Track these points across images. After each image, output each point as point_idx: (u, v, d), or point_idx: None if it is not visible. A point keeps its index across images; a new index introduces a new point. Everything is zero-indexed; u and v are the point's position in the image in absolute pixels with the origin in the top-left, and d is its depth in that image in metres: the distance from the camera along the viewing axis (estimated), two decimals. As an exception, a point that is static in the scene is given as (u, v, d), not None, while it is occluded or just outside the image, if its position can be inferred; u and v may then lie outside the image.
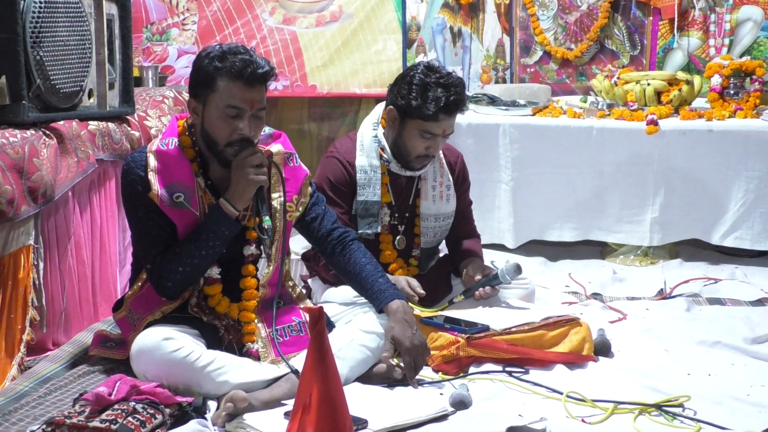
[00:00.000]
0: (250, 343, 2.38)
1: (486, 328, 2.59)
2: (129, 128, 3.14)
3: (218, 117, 2.29)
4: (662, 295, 3.47)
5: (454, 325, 2.61)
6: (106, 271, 2.98)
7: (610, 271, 3.84)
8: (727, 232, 3.87)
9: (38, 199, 2.44)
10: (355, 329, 2.46)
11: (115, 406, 2.01)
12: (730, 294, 3.46)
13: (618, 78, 4.31)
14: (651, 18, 4.59)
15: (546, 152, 4.03)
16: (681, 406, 2.27)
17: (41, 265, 2.54)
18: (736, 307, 3.28)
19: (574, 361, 2.57)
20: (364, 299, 2.57)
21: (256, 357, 2.35)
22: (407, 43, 4.88)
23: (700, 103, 4.19)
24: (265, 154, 2.39)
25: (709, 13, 4.51)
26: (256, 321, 2.41)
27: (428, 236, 3.03)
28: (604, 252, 4.15)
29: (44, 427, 1.95)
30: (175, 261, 2.31)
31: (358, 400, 2.18)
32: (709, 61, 4.38)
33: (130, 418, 1.97)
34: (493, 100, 4.24)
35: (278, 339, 2.39)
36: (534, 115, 4.14)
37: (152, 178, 2.30)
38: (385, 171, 2.92)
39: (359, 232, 2.84)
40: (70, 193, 2.73)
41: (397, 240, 2.97)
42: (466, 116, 4.10)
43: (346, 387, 2.22)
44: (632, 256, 4.05)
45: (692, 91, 4.11)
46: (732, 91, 4.08)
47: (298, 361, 2.26)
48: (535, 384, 2.41)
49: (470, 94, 4.33)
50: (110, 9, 3.00)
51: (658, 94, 4.14)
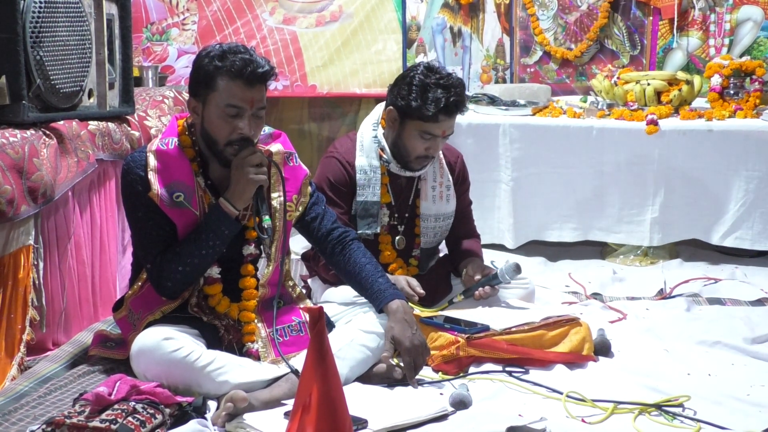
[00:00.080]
0: (250, 343, 2.38)
1: (486, 328, 2.59)
2: (129, 128, 3.14)
3: (218, 116, 2.29)
4: (662, 295, 3.47)
5: (454, 325, 2.61)
6: (106, 271, 2.98)
7: (610, 271, 3.83)
8: (727, 232, 3.87)
9: (38, 199, 2.44)
10: (355, 329, 2.46)
11: (115, 406, 2.01)
12: (730, 294, 3.46)
13: (618, 78, 4.31)
14: (651, 18, 4.59)
15: (546, 152, 4.03)
16: (681, 406, 2.26)
17: (41, 265, 2.54)
18: (736, 307, 3.28)
19: (574, 361, 2.57)
20: (364, 299, 2.57)
21: (256, 357, 2.35)
22: (407, 43, 4.88)
23: (700, 103, 4.19)
24: (265, 154, 2.38)
25: (709, 13, 4.50)
26: (256, 321, 2.41)
27: (428, 236, 3.03)
28: (604, 252, 4.15)
29: (44, 427, 1.95)
30: (175, 261, 2.31)
31: (358, 400, 2.17)
32: (709, 61, 4.38)
33: (130, 418, 1.97)
34: (493, 100, 4.24)
35: (278, 339, 2.39)
36: (534, 115, 4.14)
37: (152, 177, 2.30)
38: (384, 171, 2.92)
39: (359, 232, 2.83)
40: (70, 193, 2.72)
41: (396, 240, 2.97)
42: (466, 116, 4.09)
43: (346, 387, 2.22)
44: (632, 256, 4.05)
45: (692, 91, 4.11)
46: (732, 91, 4.08)
47: (298, 361, 2.26)
48: (535, 384, 2.41)
49: (470, 94, 4.33)
50: (110, 9, 3.00)
51: (658, 94, 4.13)
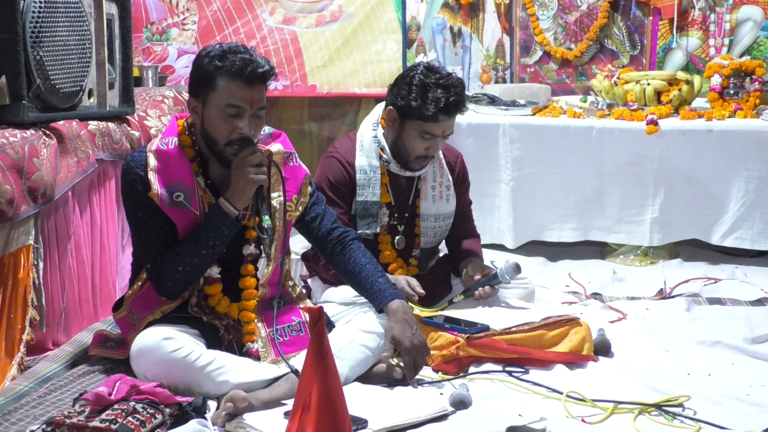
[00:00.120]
0: (250, 343, 2.38)
1: (486, 328, 2.59)
2: (129, 128, 3.14)
3: (218, 116, 2.29)
4: (662, 295, 3.47)
5: (454, 324, 2.61)
6: (106, 271, 2.98)
7: (610, 271, 3.83)
8: (727, 232, 3.87)
9: (38, 199, 2.44)
10: (355, 329, 2.46)
11: (115, 406, 2.01)
12: (730, 294, 3.46)
13: (618, 78, 4.31)
14: (651, 18, 4.59)
15: (546, 152, 4.03)
16: (681, 406, 2.27)
17: (41, 265, 2.54)
18: (736, 307, 3.28)
19: (574, 360, 2.57)
20: (364, 299, 2.57)
21: (256, 357, 2.35)
22: (407, 43, 4.88)
23: (700, 103, 4.19)
24: (265, 154, 2.38)
25: (709, 13, 4.50)
26: (256, 321, 2.41)
27: (428, 236, 3.03)
28: (604, 252, 4.15)
29: (44, 426, 1.95)
30: (174, 260, 2.31)
31: (358, 399, 2.17)
32: (709, 61, 4.38)
33: (130, 418, 1.97)
34: (493, 100, 4.24)
35: (278, 339, 2.39)
36: (534, 115, 4.14)
37: (152, 177, 2.30)
38: (384, 171, 2.92)
39: (358, 232, 2.83)
40: (70, 193, 2.72)
41: (396, 240, 2.97)
42: (466, 116, 4.10)
43: (346, 387, 2.22)
44: (632, 256, 4.05)
45: (692, 91, 4.11)
46: (732, 91, 4.08)
47: (298, 360, 2.26)
48: (535, 384, 2.41)
49: (470, 94, 4.33)
50: (110, 9, 3.00)
51: (658, 94, 4.13)
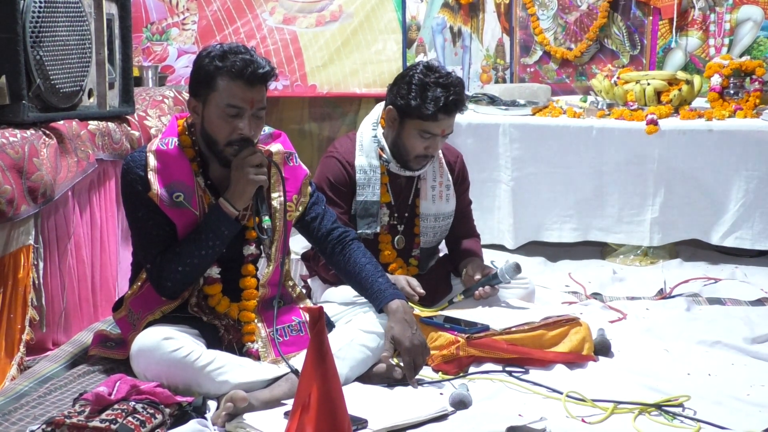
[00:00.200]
0: (250, 343, 2.38)
1: (486, 328, 2.59)
2: (129, 128, 3.14)
3: (218, 116, 2.29)
4: (662, 295, 3.47)
5: (454, 324, 2.61)
6: (106, 271, 2.98)
7: (610, 271, 3.84)
8: (727, 232, 3.87)
9: (38, 198, 2.44)
10: (355, 329, 2.46)
11: (115, 406, 2.01)
12: (730, 294, 3.46)
13: (618, 78, 4.31)
14: (651, 18, 4.59)
15: (546, 152, 4.03)
16: (681, 406, 2.27)
17: (41, 265, 2.54)
18: (736, 307, 3.28)
19: (574, 360, 2.57)
20: (364, 299, 2.57)
21: (256, 357, 2.35)
22: (407, 43, 4.88)
23: (700, 102, 4.19)
24: (265, 154, 2.38)
25: (709, 13, 4.50)
26: (256, 321, 2.41)
27: (428, 236, 3.03)
28: (604, 252, 4.15)
29: (44, 426, 1.95)
30: (174, 261, 2.31)
31: (358, 400, 2.18)
32: (709, 60, 4.38)
33: (130, 418, 1.97)
34: (493, 100, 4.24)
35: (278, 339, 2.39)
36: (534, 115, 4.14)
37: (152, 177, 2.30)
38: (384, 171, 2.92)
39: (358, 232, 2.83)
40: (70, 193, 2.72)
41: (396, 240, 2.97)
42: (466, 116, 4.10)
43: (346, 387, 2.22)
44: (632, 256, 4.05)
45: (692, 91, 4.11)
46: (732, 91, 4.08)
47: (298, 360, 2.26)
48: (535, 384, 2.41)
49: (470, 94, 4.33)
50: (110, 9, 3.00)
51: (658, 93, 4.13)
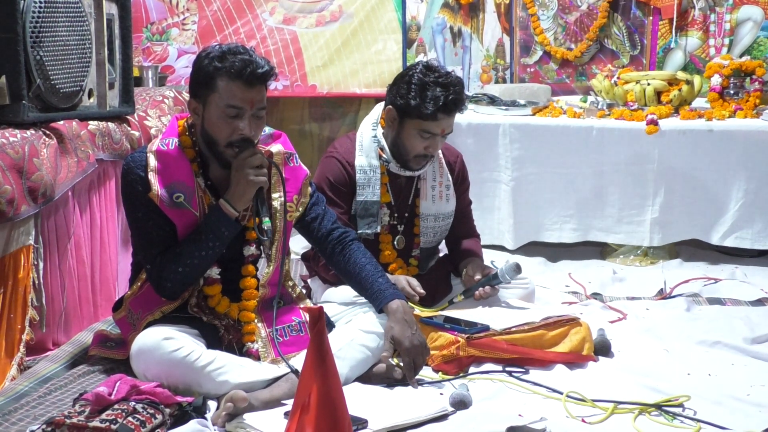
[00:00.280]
0: (250, 343, 2.38)
1: (486, 328, 2.59)
2: (129, 128, 3.14)
3: (218, 117, 2.29)
4: (662, 295, 3.47)
5: (454, 325, 2.61)
6: (106, 271, 2.98)
7: (610, 271, 3.83)
8: (727, 232, 3.87)
9: (38, 199, 2.44)
10: (355, 329, 2.46)
11: (115, 406, 2.01)
12: (730, 294, 3.45)
13: (618, 78, 4.31)
14: (651, 18, 4.59)
15: (546, 152, 4.03)
16: (681, 406, 2.27)
17: (41, 265, 2.54)
18: (736, 307, 3.28)
19: (574, 361, 2.57)
20: (364, 299, 2.57)
21: (256, 357, 2.35)
22: (407, 43, 4.88)
23: (700, 103, 4.19)
24: (265, 155, 2.38)
25: (709, 13, 4.51)
26: (256, 321, 2.41)
27: (428, 236, 3.03)
28: (604, 252, 4.15)
29: (44, 427, 1.95)
30: (174, 261, 2.31)
31: (358, 400, 2.17)
32: (709, 61, 4.39)
33: (130, 418, 1.97)
34: (493, 100, 4.24)
35: (278, 339, 2.39)
36: (534, 115, 4.14)
37: (152, 178, 2.30)
38: (384, 171, 2.92)
39: (359, 232, 2.83)
40: (70, 193, 2.72)
41: (396, 240, 2.97)
42: (466, 116, 4.10)
43: (346, 387, 2.22)
44: (632, 256, 4.05)
45: (692, 91, 4.11)
46: (732, 91, 4.08)
47: (298, 360, 2.26)
48: (535, 384, 2.41)
49: (470, 94, 4.33)
50: (110, 9, 3.00)
51: (658, 94, 4.13)
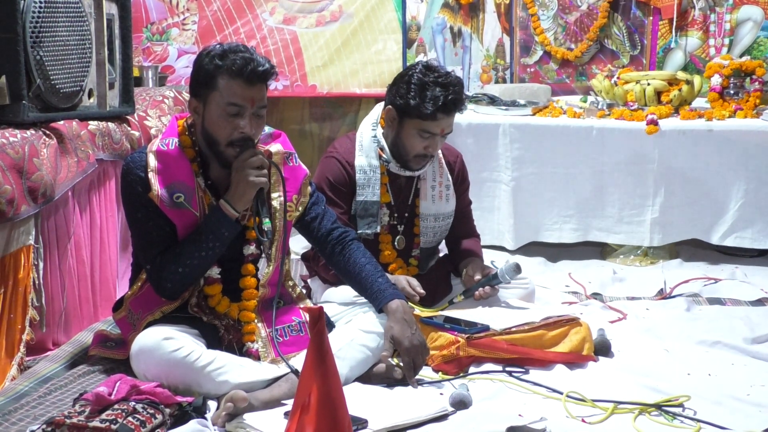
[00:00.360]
0: (250, 343, 2.38)
1: (486, 328, 2.59)
2: (129, 128, 3.14)
3: (219, 115, 2.29)
4: (662, 295, 3.47)
5: (454, 325, 2.61)
6: (106, 271, 2.98)
7: (610, 271, 3.83)
8: (727, 232, 3.87)
9: (38, 199, 2.44)
10: (355, 329, 2.46)
11: (115, 406, 2.01)
12: (730, 294, 3.45)
13: (618, 78, 4.31)
14: (651, 18, 4.59)
15: (546, 152, 4.02)
16: (681, 406, 2.27)
17: (41, 265, 2.54)
18: (736, 307, 3.28)
19: (574, 361, 2.57)
20: (364, 299, 2.57)
21: (256, 357, 2.35)
22: (407, 43, 4.88)
23: (700, 103, 4.19)
24: (265, 154, 2.38)
25: (709, 13, 4.51)
26: (256, 321, 2.41)
27: (428, 236, 3.03)
28: (604, 252, 4.15)
29: (44, 427, 1.95)
30: (174, 261, 2.31)
31: (358, 400, 2.18)
32: (709, 61, 4.39)
33: (130, 418, 1.97)
34: (493, 100, 4.24)
35: (278, 339, 2.39)
36: (534, 115, 4.14)
37: (152, 178, 2.30)
38: (384, 171, 2.92)
39: (359, 232, 2.83)
40: (70, 193, 2.72)
41: (396, 240, 2.97)
42: (466, 116, 4.10)
43: (346, 387, 2.22)
44: (632, 256, 4.05)
45: (692, 91, 4.11)
46: (732, 91, 4.08)
47: (298, 361, 2.26)
48: (535, 384, 2.41)
49: (470, 94, 4.33)
50: (110, 9, 3.00)
51: (658, 94, 4.13)
